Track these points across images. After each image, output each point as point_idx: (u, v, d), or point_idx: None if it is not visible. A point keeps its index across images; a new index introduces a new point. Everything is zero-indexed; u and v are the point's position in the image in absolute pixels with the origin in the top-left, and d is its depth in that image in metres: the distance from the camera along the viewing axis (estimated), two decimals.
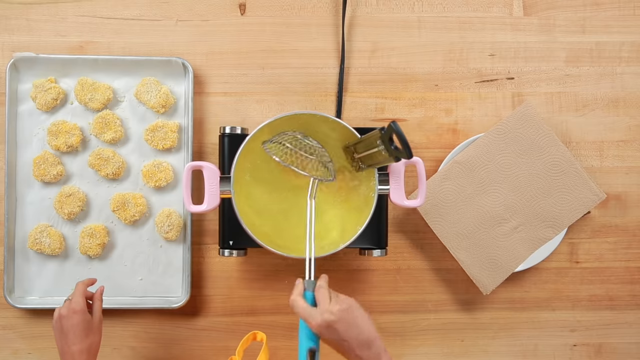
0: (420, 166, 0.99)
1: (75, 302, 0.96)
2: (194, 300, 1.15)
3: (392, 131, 0.84)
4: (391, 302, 1.17)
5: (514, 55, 1.18)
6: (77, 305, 0.95)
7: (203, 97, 1.16)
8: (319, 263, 1.16)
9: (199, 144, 1.16)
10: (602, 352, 1.19)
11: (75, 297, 0.97)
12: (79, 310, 0.95)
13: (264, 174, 1.03)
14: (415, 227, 1.17)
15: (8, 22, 1.15)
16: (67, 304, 0.97)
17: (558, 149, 1.13)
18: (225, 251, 1.07)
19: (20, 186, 1.13)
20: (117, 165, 1.12)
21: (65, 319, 0.95)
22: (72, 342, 0.94)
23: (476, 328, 1.18)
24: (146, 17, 1.16)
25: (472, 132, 1.17)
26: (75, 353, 0.93)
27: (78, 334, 0.94)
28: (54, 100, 1.12)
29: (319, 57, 1.17)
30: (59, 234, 1.12)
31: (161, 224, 1.12)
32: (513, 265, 1.14)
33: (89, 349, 0.95)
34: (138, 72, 1.13)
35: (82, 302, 0.96)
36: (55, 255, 1.12)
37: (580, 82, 1.19)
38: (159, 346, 1.15)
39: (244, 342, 1.02)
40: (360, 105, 1.17)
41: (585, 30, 1.19)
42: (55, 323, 0.96)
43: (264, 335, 1.03)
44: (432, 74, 1.18)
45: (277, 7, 1.17)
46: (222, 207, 1.06)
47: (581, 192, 1.14)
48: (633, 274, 1.19)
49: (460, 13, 1.18)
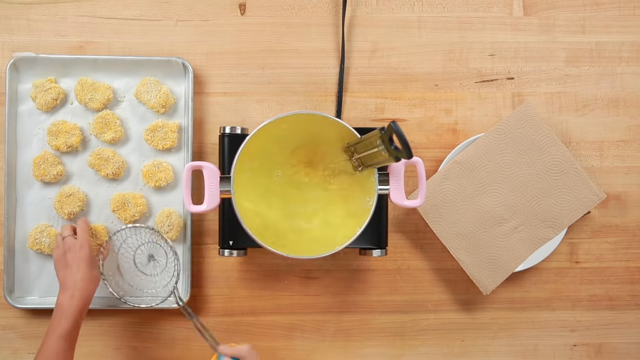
0: (420, 166, 0.99)
1: (84, 239, 1.04)
2: (194, 300, 1.15)
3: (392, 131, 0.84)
4: (391, 302, 1.17)
5: (514, 55, 1.18)
6: (85, 242, 1.04)
7: (203, 97, 1.16)
8: (319, 263, 1.16)
9: (199, 144, 1.16)
10: (602, 352, 1.19)
11: (82, 234, 1.05)
12: (86, 244, 1.04)
13: (264, 174, 1.03)
14: (415, 227, 1.17)
15: (8, 22, 1.15)
16: (71, 239, 1.04)
17: (558, 149, 1.13)
18: (225, 251, 1.07)
19: (20, 186, 1.13)
20: (117, 165, 1.12)
21: (71, 253, 1.03)
22: (76, 272, 1.01)
23: (476, 328, 1.18)
24: (146, 17, 1.16)
25: (472, 132, 1.17)
26: (78, 281, 1.01)
27: (83, 266, 1.02)
28: (54, 100, 1.12)
29: (319, 57, 1.17)
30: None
31: (161, 224, 1.12)
32: (513, 265, 1.14)
33: (91, 278, 1.02)
34: (138, 72, 1.13)
35: (89, 239, 1.05)
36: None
37: (580, 82, 1.19)
38: (159, 346, 1.15)
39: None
40: (360, 105, 1.17)
41: (585, 30, 1.19)
42: (60, 257, 1.04)
43: None
44: (432, 74, 1.18)
45: (277, 7, 1.17)
46: (222, 207, 1.07)
47: (581, 192, 1.14)
48: (633, 274, 1.19)
49: (460, 13, 1.18)
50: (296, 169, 1.03)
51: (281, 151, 1.02)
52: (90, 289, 1.02)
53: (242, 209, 0.97)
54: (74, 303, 0.99)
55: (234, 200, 0.97)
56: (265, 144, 0.99)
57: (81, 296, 1.00)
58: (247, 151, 0.98)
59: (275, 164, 1.02)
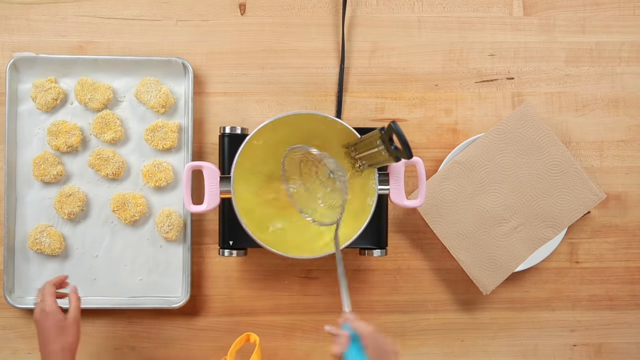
0: (420, 166, 0.99)
1: (46, 304, 0.97)
2: (194, 300, 1.15)
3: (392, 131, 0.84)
4: (391, 302, 1.17)
5: (514, 55, 1.18)
6: (48, 307, 0.97)
7: (203, 97, 1.16)
8: (319, 263, 1.16)
9: (199, 144, 1.16)
10: (602, 352, 1.19)
11: (45, 299, 0.98)
12: (49, 311, 0.96)
13: (264, 174, 1.03)
14: (415, 227, 1.17)
15: (8, 22, 1.15)
16: (39, 305, 0.98)
17: (558, 149, 1.13)
18: (225, 251, 1.07)
19: (20, 186, 1.13)
20: (117, 165, 1.12)
21: (39, 322, 0.97)
22: (47, 342, 0.96)
23: (476, 328, 1.18)
24: (146, 17, 1.16)
25: (472, 132, 1.17)
26: (50, 352, 0.95)
27: (52, 335, 0.96)
28: (54, 100, 1.12)
29: (319, 57, 1.17)
30: (59, 234, 1.12)
31: (161, 224, 1.12)
32: (513, 265, 1.14)
33: (62, 348, 0.96)
34: (138, 72, 1.13)
35: (51, 302, 0.98)
36: (55, 255, 1.12)
37: (580, 82, 1.19)
38: (159, 346, 1.15)
39: (237, 343, 1.02)
40: (360, 105, 1.17)
41: (585, 30, 1.19)
42: (36, 325, 0.98)
43: (257, 337, 1.03)
44: (432, 74, 1.18)
45: (277, 7, 1.17)
46: (222, 207, 1.07)
47: (581, 192, 1.14)
48: (633, 274, 1.19)
49: (460, 13, 1.18)
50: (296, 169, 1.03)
51: (281, 151, 1.02)
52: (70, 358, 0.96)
53: (242, 209, 0.97)
54: None
55: (234, 200, 0.97)
56: (265, 144, 0.99)
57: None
58: (247, 151, 0.98)
59: (276, 164, 1.02)
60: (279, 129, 0.99)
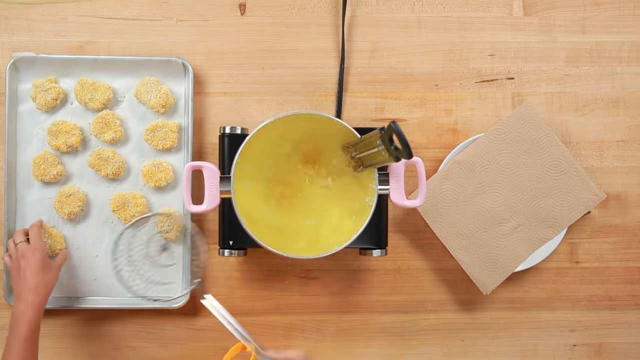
0: (420, 166, 0.99)
1: (37, 243, 1.04)
2: (194, 300, 1.15)
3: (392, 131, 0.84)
4: (391, 302, 1.17)
5: (514, 55, 1.18)
6: (38, 246, 1.04)
7: (203, 97, 1.16)
8: (319, 263, 1.16)
9: (199, 144, 1.16)
10: (602, 352, 1.19)
11: (35, 239, 1.05)
12: (38, 248, 1.04)
13: (264, 174, 1.03)
14: (415, 227, 1.17)
15: (8, 22, 1.15)
16: (24, 245, 1.04)
17: (558, 149, 1.13)
18: (225, 251, 1.07)
19: (20, 186, 1.13)
20: (117, 165, 1.12)
21: (24, 259, 1.02)
22: (29, 277, 1.01)
23: (476, 328, 1.18)
24: (146, 17, 1.16)
25: (472, 132, 1.17)
26: (31, 289, 1.00)
27: (36, 271, 1.01)
28: (54, 100, 1.12)
29: (319, 57, 1.17)
30: (59, 234, 1.12)
31: (161, 224, 1.12)
32: (513, 265, 1.14)
33: (45, 284, 1.02)
34: (138, 72, 1.13)
35: (41, 242, 1.05)
36: (55, 255, 1.12)
37: (580, 82, 1.19)
38: (159, 346, 1.15)
39: (233, 351, 1.02)
40: (360, 105, 1.17)
41: (585, 30, 1.19)
42: (12, 264, 1.03)
43: None
44: (432, 74, 1.18)
45: (277, 7, 1.17)
46: (222, 207, 1.07)
47: (581, 192, 1.14)
48: (633, 274, 1.19)
49: (460, 13, 1.18)
50: (296, 169, 1.03)
51: (281, 151, 1.02)
52: (43, 295, 1.01)
53: (242, 209, 0.97)
54: (28, 312, 0.98)
55: (234, 200, 0.97)
56: (265, 144, 0.99)
57: (34, 305, 0.99)
58: (247, 151, 0.98)
59: (276, 164, 1.02)
60: (279, 129, 0.99)
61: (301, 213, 1.02)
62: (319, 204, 1.02)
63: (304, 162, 1.02)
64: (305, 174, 1.03)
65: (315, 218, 1.02)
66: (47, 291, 1.02)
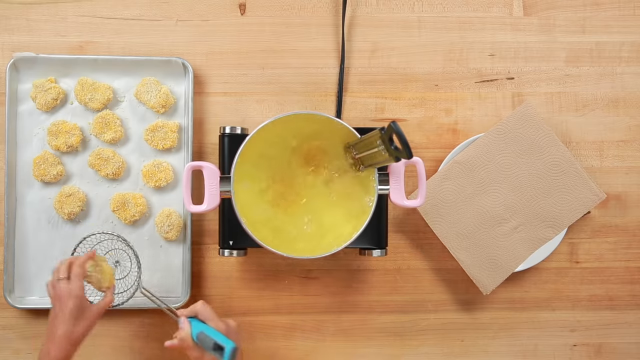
0: (420, 166, 0.99)
1: (75, 285, 0.93)
2: (194, 300, 1.14)
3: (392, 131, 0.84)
4: (391, 302, 1.17)
5: (514, 55, 1.18)
6: (75, 290, 0.93)
7: (203, 97, 1.16)
8: (319, 263, 1.16)
9: (199, 144, 1.16)
10: (602, 352, 1.19)
11: (74, 281, 0.94)
12: (74, 295, 0.93)
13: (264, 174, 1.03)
14: (415, 227, 1.17)
15: (8, 22, 1.15)
16: (64, 285, 0.93)
17: (558, 149, 1.13)
18: (225, 251, 1.07)
19: (20, 186, 1.13)
20: (117, 165, 1.12)
21: (59, 302, 0.93)
22: (59, 325, 0.92)
23: (476, 328, 1.18)
24: (146, 17, 1.16)
25: (472, 132, 1.17)
26: (57, 337, 0.92)
27: (67, 319, 0.92)
28: (54, 100, 1.12)
29: (319, 57, 1.17)
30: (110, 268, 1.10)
31: (161, 224, 1.12)
32: (513, 265, 1.14)
33: (72, 336, 0.92)
34: (138, 72, 1.13)
35: (80, 286, 0.94)
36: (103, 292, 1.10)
37: (580, 82, 1.19)
38: (159, 346, 1.15)
39: None
40: (360, 105, 1.17)
41: (585, 30, 1.19)
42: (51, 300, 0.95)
43: None
44: (432, 74, 1.18)
45: (277, 7, 1.17)
46: (222, 207, 1.07)
47: (581, 192, 1.14)
48: (633, 274, 1.19)
49: (460, 13, 1.18)
50: (296, 169, 1.03)
51: (281, 151, 1.02)
52: (66, 351, 0.92)
53: (242, 209, 0.97)
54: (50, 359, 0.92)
55: (234, 200, 0.97)
56: (265, 144, 0.99)
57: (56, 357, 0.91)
58: (247, 151, 0.98)
59: (275, 164, 1.02)
60: (279, 129, 0.99)
61: (301, 213, 1.02)
62: (319, 204, 1.02)
63: (304, 162, 1.02)
64: (305, 174, 1.03)
65: (315, 218, 1.02)
66: (72, 346, 0.93)
